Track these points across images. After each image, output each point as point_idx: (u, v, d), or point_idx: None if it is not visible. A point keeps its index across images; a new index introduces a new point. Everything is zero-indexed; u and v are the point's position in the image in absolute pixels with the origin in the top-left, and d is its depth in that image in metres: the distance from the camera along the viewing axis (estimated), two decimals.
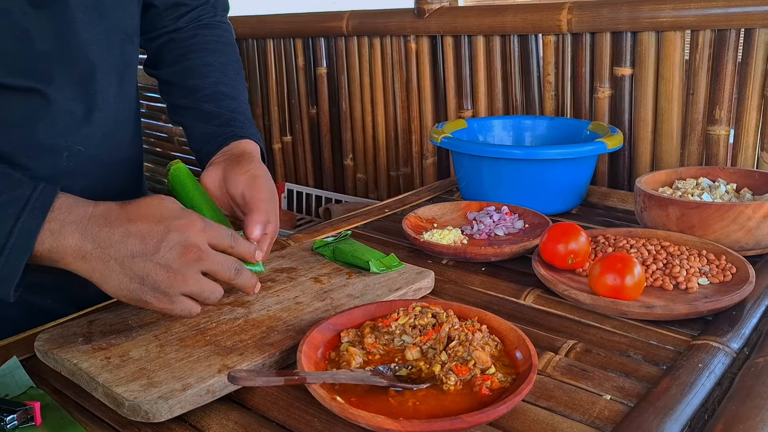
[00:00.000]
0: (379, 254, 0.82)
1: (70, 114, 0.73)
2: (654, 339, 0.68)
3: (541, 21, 1.28)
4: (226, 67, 0.89)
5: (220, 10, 0.96)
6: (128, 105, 0.84)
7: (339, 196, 1.75)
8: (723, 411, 0.53)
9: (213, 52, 0.89)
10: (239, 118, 0.84)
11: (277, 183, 1.92)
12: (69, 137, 0.74)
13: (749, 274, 0.75)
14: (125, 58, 0.79)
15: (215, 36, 0.92)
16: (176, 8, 0.90)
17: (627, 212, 1.08)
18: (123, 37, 0.78)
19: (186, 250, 0.60)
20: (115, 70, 0.78)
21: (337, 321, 0.65)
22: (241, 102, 0.87)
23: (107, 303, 0.77)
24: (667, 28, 1.14)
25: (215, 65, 0.88)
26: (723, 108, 1.13)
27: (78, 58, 0.72)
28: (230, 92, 0.87)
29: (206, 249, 0.61)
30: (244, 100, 0.89)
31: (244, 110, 0.87)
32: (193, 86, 0.87)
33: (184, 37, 0.90)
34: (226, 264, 0.63)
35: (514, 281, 0.83)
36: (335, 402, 0.52)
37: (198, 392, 0.56)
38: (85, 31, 0.72)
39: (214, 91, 0.86)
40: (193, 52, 0.89)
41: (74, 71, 0.72)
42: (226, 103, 0.85)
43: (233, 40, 0.95)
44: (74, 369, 0.60)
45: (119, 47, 0.78)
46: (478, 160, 1.08)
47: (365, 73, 1.61)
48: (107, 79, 0.76)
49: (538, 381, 0.60)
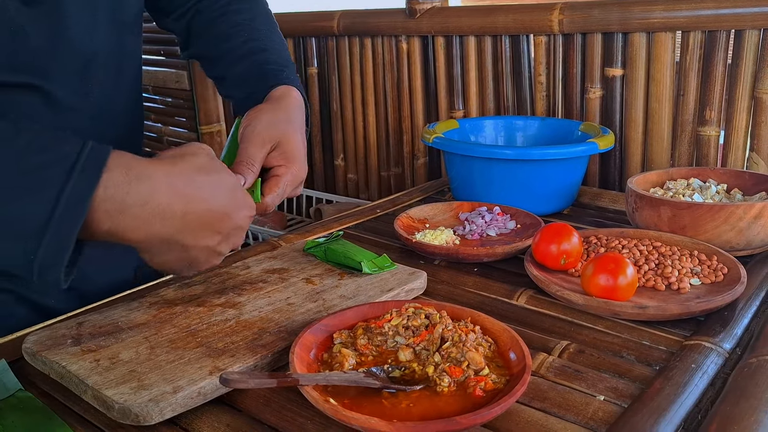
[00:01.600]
0: (371, 255, 0.81)
1: (68, 108, 0.72)
2: (647, 339, 0.68)
3: (532, 21, 1.28)
4: (253, 22, 0.87)
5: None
6: (129, 96, 0.82)
7: (330, 197, 1.75)
8: (716, 412, 0.53)
9: (237, 12, 0.87)
10: (272, 69, 0.82)
11: None
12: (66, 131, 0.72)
13: (741, 275, 0.75)
14: (123, 48, 0.78)
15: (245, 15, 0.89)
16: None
17: (618, 213, 1.09)
18: (120, 28, 0.77)
19: (232, 231, 0.62)
20: (112, 62, 0.76)
21: (329, 322, 0.65)
22: (273, 51, 0.85)
23: (97, 304, 0.76)
24: (658, 29, 1.14)
25: (242, 24, 0.86)
26: (713, 109, 1.13)
27: (73, 51, 0.71)
28: (260, 45, 0.84)
29: (246, 225, 0.64)
30: (278, 48, 0.86)
31: (277, 59, 0.84)
32: (224, 53, 0.85)
33: (209, 6, 0.88)
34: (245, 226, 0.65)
35: (506, 282, 0.82)
36: (328, 404, 0.51)
37: (189, 395, 0.56)
38: (79, 23, 0.70)
39: (243, 51, 0.84)
40: (219, 17, 0.87)
41: (70, 65, 0.71)
42: (256, 58, 0.83)
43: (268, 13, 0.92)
44: (63, 371, 0.59)
45: (117, 38, 0.76)
46: (469, 160, 1.08)
47: (356, 73, 1.61)
48: (104, 71, 0.75)
49: (532, 382, 0.60)
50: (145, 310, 0.70)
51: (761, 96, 1.08)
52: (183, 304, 0.72)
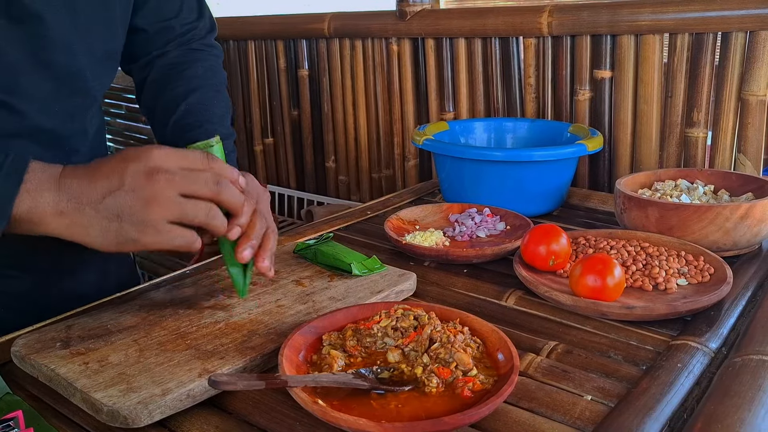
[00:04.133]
0: (361, 257, 0.82)
1: (34, 126, 0.72)
2: (634, 339, 0.68)
3: (521, 24, 1.28)
4: (200, 92, 0.86)
5: (209, 32, 0.94)
6: (97, 122, 0.83)
7: (321, 198, 1.75)
8: (701, 410, 0.53)
9: (190, 79, 0.87)
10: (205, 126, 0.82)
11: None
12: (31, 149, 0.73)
13: (727, 275, 0.76)
14: (101, 77, 0.79)
15: (198, 61, 0.89)
16: (165, 32, 0.88)
17: (607, 213, 1.09)
18: (102, 58, 0.78)
19: (150, 172, 0.58)
20: (90, 88, 0.77)
21: (318, 324, 0.65)
22: (209, 127, 0.83)
23: (86, 307, 0.76)
24: (646, 31, 1.15)
25: (188, 94, 0.85)
26: (701, 110, 1.14)
27: (47, 72, 0.71)
28: (197, 121, 0.83)
29: (173, 169, 0.59)
30: (215, 122, 0.84)
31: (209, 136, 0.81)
32: (165, 124, 0.85)
33: (167, 64, 0.88)
34: (203, 177, 0.60)
35: (495, 283, 0.83)
36: (317, 405, 0.52)
37: (178, 397, 0.56)
38: (57, 47, 0.71)
39: (180, 125, 0.83)
40: (172, 83, 0.86)
41: (42, 85, 0.71)
42: (188, 135, 0.82)
43: (219, 64, 0.93)
44: (52, 375, 0.59)
45: (97, 67, 0.77)
46: (459, 162, 1.09)
47: (347, 75, 1.61)
48: (80, 96, 0.76)
49: (520, 382, 0.60)
50: (135, 313, 0.70)
51: (748, 98, 1.09)
52: (172, 307, 0.72)
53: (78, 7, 0.72)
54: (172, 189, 0.59)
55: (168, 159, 0.60)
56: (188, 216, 0.60)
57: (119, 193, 0.58)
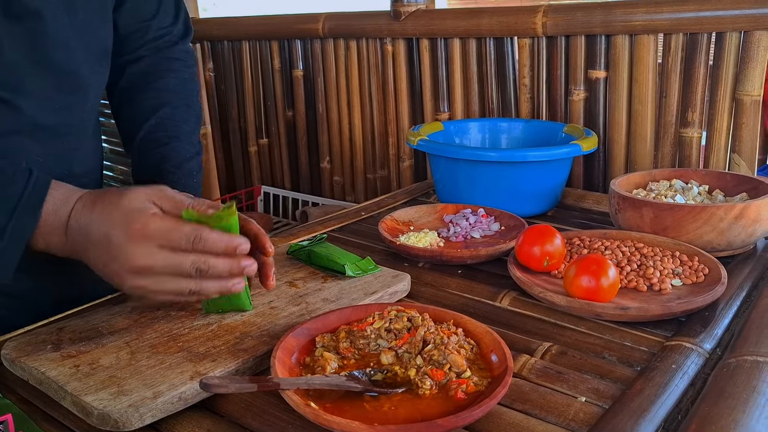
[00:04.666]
0: (355, 258, 0.81)
1: (33, 124, 0.72)
2: (628, 340, 0.68)
3: (516, 24, 1.28)
4: (170, 107, 0.86)
5: (183, 36, 0.92)
6: (93, 120, 0.83)
7: (316, 199, 1.74)
8: (696, 412, 0.53)
9: (161, 91, 0.86)
10: (166, 168, 0.82)
11: (253, 185, 1.91)
12: (30, 146, 0.73)
13: (721, 275, 0.76)
14: (98, 75, 0.79)
15: (172, 71, 0.89)
16: (140, 34, 0.87)
17: (602, 214, 1.09)
18: (99, 55, 0.78)
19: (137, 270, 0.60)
20: (88, 86, 0.77)
21: (312, 326, 0.65)
22: (176, 145, 0.83)
23: (77, 309, 0.76)
24: (640, 31, 1.15)
25: (159, 108, 0.85)
26: (695, 110, 1.14)
27: (47, 70, 0.71)
28: (165, 137, 0.83)
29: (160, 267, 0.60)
30: (183, 139, 0.85)
31: (176, 155, 0.83)
32: (133, 136, 0.84)
33: (139, 72, 0.87)
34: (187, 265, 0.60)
35: (490, 284, 0.83)
36: (309, 408, 0.51)
37: (170, 400, 0.55)
38: (56, 45, 0.71)
39: (148, 140, 0.83)
40: (142, 93, 0.86)
41: (42, 82, 0.71)
42: (156, 152, 0.83)
43: (193, 75, 0.92)
44: (42, 377, 0.59)
45: (95, 64, 0.77)
46: (454, 162, 1.08)
47: (341, 76, 1.61)
48: (74, 92, 0.76)
49: (514, 384, 0.60)
50: (127, 315, 0.70)
51: (742, 98, 1.09)
52: (164, 309, 0.71)
53: (76, 4, 0.72)
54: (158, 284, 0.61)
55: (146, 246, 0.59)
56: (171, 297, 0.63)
57: (111, 274, 0.62)
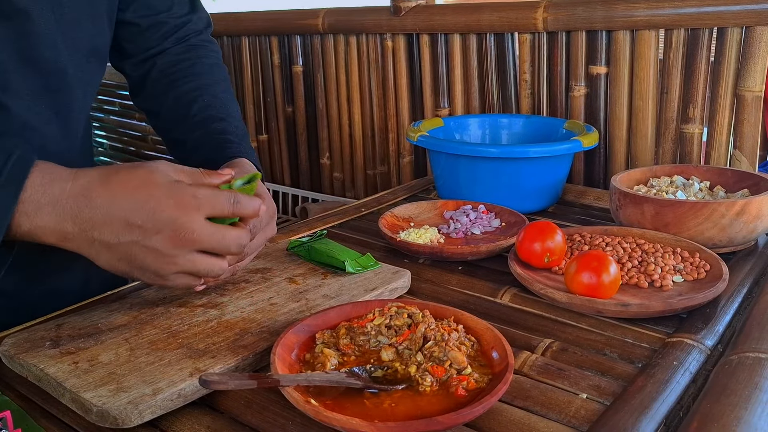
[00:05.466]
0: (355, 254, 0.81)
1: (21, 123, 0.71)
2: (629, 337, 0.68)
3: (517, 19, 1.28)
4: (214, 88, 0.87)
5: (205, 27, 0.93)
6: (83, 119, 0.82)
7: (316, 195, 1.74)
8: (698, 409, 0.53)
9: (198, 75, 0.87)
10: (230, 139, 0.82)
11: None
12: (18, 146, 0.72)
13: (723, 272, 0.75)
14: (87, 74, 0.78)
15: (202, 58, 0.89)
16: (159, 27, 0.87)
17: (603, 210, 1.09)
18: (88, 54, 0.77)
19: (176, 233, 0.57)
20: (76, 85, 0.76)
21: (312, 322, 0.64)
22: (232, 121, 0.85)
23: (76, 306, 0.75)
24: (642, 27, 1.15)
25: (203, 89, 0.86)
26: (696, 106, 1.14)
27: (34, 70, 0.71)
28: (219, 114, 0.84)
29: (200, 229, 0.58)
30: (235, 117, 0.86)
31: (235, 129, 0.84)
32: (182, 118, 0.84)
33: (170, 62, 0.88)
34: (228, 241, 0.60)
35: (490, 280, 0.82)
36: (309, 405, 0.51)
37: (169, 397, 0.55)
38: (44, 45, 0.70)
39: (203, 117, 0.83)
40: (180, 79, 0.86)
41: (29, 82, 0.71)
42: (215, 126, 0.83)
43: (220, 59, 0.93)
44: (41, 374, 0.58)
45: (83, 63, 0.76)
46: (454, 158, 1.08)
47: (341, 71, 1.60)
48: (66, 92, 0.75)
49: (515, 381, 0.60)
50: (126, 311, 0.69)
51: (743, 93, 1.09)
52: (164, 305, 0.71)
53: (64, 1, 0.71)
54: (194, 249, 0.59)
55: (197, 215, 0.58)
56: (200, 273, 0.61)
57: (137, 246, 0.57)
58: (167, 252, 0.58)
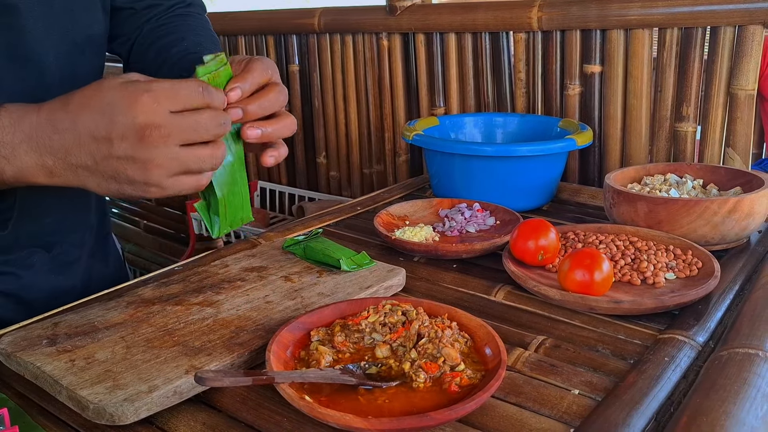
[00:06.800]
0: (350, 252, 0.82)
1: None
2: (622, 333, 0.68)
3: (511, 18, 1.28)
4: (197, 36, 0.86)
5: (196, 7, 0.93)
6: None
7: (312, 194, 1.75)
8: (688, 404, 0.54)
9: (182, 27, 0.87)
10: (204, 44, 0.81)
11: (249, 181, 1.91)
12: None
13: (714, 269, 0.76)
14: (83, 66, 0.78)
15: (187, 19, 0.90)
16: (152, 8, 0.88)
17: (597, 208, 1.10)
18: (82, 46, 0.77)
19: (141, 133, 0.53)
20: (70, 78, 0.75)
21: (307, 320, 0.65)
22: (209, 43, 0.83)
23: (73, 304, 0.76)
24: (635, 26, 1.15)
25: (185, 37, 0.85)
26: (690, 105, 1.15)
27: (29, 65, 0.70)
28: (196, 41, 0.83)
29: (164, 121, 0.53)
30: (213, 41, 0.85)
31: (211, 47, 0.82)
32: (163, 60, 0.83)
33: (154, 26, 0.88)
34: (202, 122, 0.55)
35: (485, 278, 0.83)
36: (304, 401, 0.52)
37: (165, 394, 0.56)
38: (37, 40, 0.70)
39: (183, 56, 0.82)
40: (165, 36, 0.86)
41: (23, 77, 0.70)
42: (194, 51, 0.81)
43: (208, 22, 0.92)
44: (38, 372, 0.59)
45: (78, 55, 0.76)
46: (449, 157, 1.08)
47: (337, 71, 1.61)
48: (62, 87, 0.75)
49: (508, 377, 0.60)
50: (122, 310, 0.70)
51: (737, 92, 1.10)
52: (160, 303, 0.71)
53: None
54: (170, 145, 0.54)
55: (158, 108, 0.53)
56: (191, 169, 0.56)
57: (112, 160, 0.54)
58: (142, 156, 0.53)
